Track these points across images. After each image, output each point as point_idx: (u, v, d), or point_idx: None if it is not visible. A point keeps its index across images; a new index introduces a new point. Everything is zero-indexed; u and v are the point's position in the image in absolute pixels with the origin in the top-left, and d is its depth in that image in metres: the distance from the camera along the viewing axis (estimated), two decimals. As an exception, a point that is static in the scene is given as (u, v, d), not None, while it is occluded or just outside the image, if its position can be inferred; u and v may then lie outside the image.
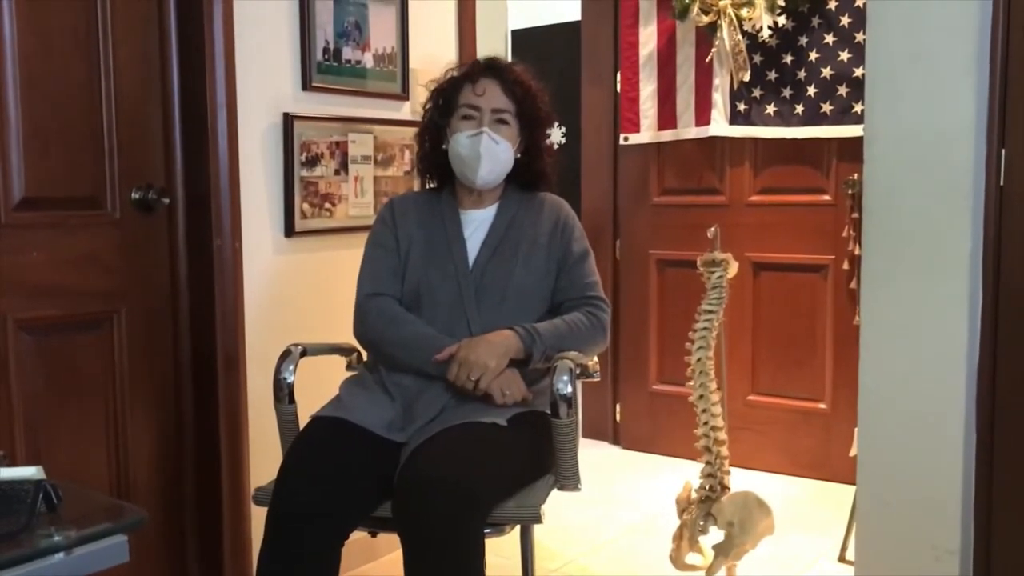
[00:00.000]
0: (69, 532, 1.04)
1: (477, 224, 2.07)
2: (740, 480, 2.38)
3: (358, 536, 1.84)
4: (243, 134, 2.35)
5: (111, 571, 1.13)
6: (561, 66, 4.18)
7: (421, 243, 2.05)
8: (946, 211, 1.88)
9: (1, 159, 2.01)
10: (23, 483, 1.09)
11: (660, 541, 2.75)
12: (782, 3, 3.31)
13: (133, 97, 2.23)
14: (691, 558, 2.31)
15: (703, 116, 3.60)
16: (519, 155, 2.08)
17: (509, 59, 2.21)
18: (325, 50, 2.54)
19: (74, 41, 2.12)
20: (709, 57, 3.50)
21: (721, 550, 2.25)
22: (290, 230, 2.48)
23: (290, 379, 2.02)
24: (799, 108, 3.41)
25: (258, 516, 2.21)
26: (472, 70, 2.07)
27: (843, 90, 3.31)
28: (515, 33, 4.80)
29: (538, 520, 1.82)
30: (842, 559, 2.77)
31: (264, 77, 2.40)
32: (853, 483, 2.16)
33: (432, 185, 2.19)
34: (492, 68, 2.06)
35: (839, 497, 3.13)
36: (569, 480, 1.92)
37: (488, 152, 2.00)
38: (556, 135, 4.88)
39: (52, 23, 2.07)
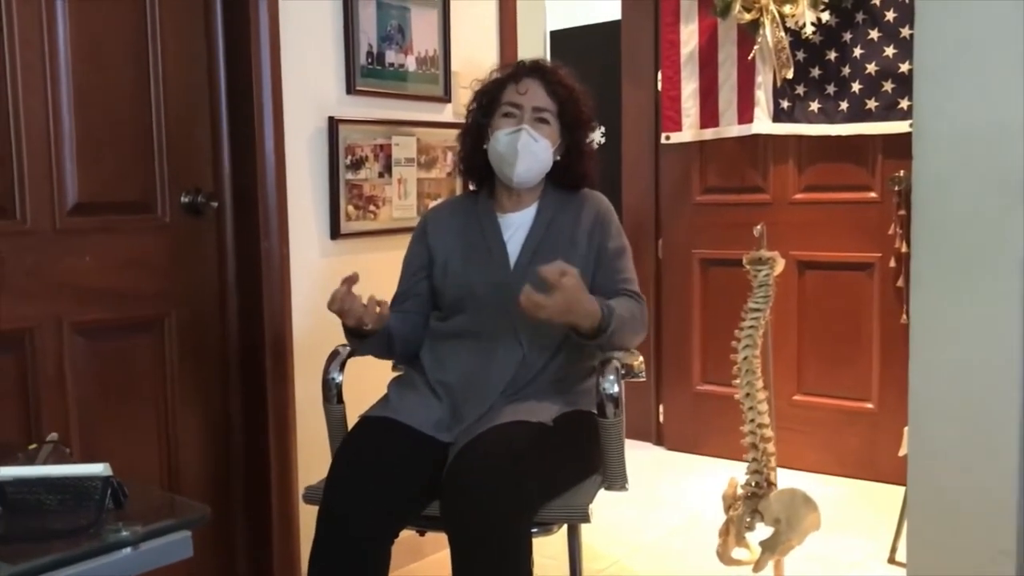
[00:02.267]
0: (136, 527, 1.06)
1: (516, 227, 2.07)
2: (786, 480, 2.36)
3: (405, 535, 1.85)
4: (289, 138, 2.38)
5: (165, 568, 1.15)
6: (601, 66, 4.17)
7: (460, 251, 2.06)
8: (998, 207, 1.85)
9: (56, 166, 2.06)
10: (92, 479, 1.12)
11: (705, 542, 2.74)
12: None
13: (182, 104, 2.27)
14: (738, 553, 2.31)
15: (746, 114, 3.58)
16: (559, 156, 2.08)
17: (548, 60, 2.21)
18: (369, 54, 2.56)
19: (124, 51, 2.16)
20: (751, 54, 3.48)
21: (768, 546, 2.24)
22: (335, 232, 2.51)
23: (338, 379, 2.04)
24: (843, 105, 3.37)
25: (306, 514, 2.24)
26: (516, 70, 2.09)
27: (888, 86, 3.27)
28: (554, 34, 4.80)
29: (586, 519, 1.82)
30: (892, 560, 2.74)
31: (309, 82, 2.43)
32: (901, 484, 2.13)
33: (471, 187, 2.21)
34: (536, 69, 2.07)
35: (887, 498, 3.09)
36: (616, 480, 1.92)
37: (526, 149, 2.00)
38: (596, 135, 4.87)
39: (103, 34, 2.12)
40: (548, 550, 2.03)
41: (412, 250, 2.15)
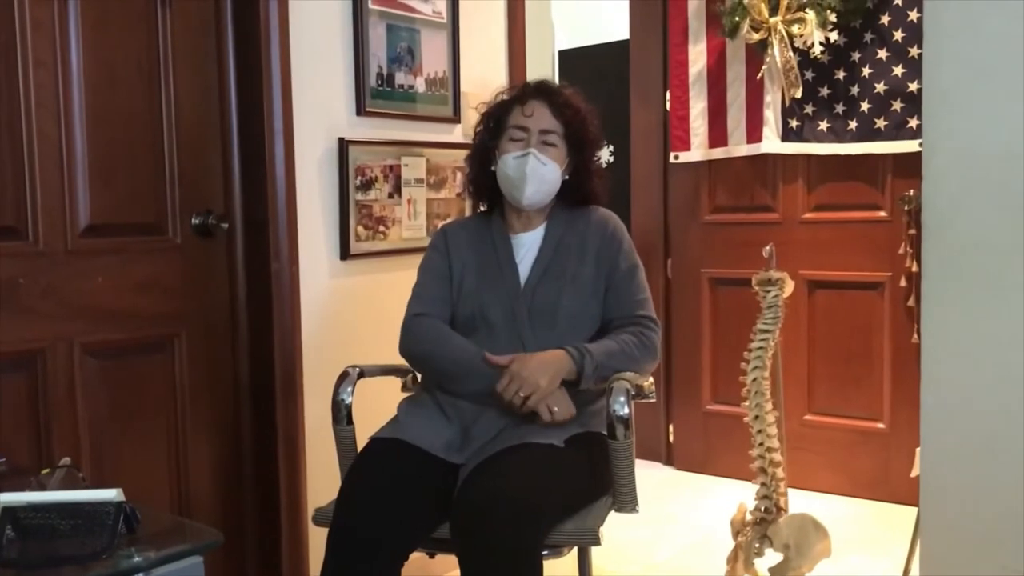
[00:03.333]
0: (148, 553, 1.06)
1: (527, 247, 2.08)
2: (798, 501, 2.35)
3: (415, 557, 1.84)
4: (299, 159, 2.39)
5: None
6: (610, 85, 4.19)
7: (474, 268, 2.07)
8: (1009, 227, 1.84)
9: (68, 188, 2.07)
10: (105, 505, 1.12)
11: (714, 563, 2.72)
12: (834, 19, 3.28)
13: (193, 126, 2.29)
14: (747, 580, 2.29)
15: (754, 133, 3.58)
16: (568, 176, 2.09)
17: (557, 80, 2.22)
18: (378, 76, 2.58)
19: (137, 74, 2.18)
20: (760, 74, 3.48)
21: (777, 573, 2.22)
22: (345, 253, 2.52)
23: (348, 400, 2.04)
24: (852, 124, 3.37)
25: (316, 536, 2.24)
26: (522, 92, 2.10)
27: (897, 105, 3.27)
28: (563, 53, 4.82)
29: (597, 542, 1.81)
30: (904, 582, 2.72)
31: (320, 103, 2.45)
32: (913, 504, 2.11)
33: (482, 208, 2.21)
34: (541, 90, 2.08)
35: (899, 518, 3.07)
36: (627, 502, 1.91)
37: (534, 173, 2.01)
38: (604, 154, 4.87)
39: (116, 57, 2.14)
40: (559, 571, 2.02)
41: (434, 258, 2.13)
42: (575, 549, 1.88)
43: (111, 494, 1.12)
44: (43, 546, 1.12)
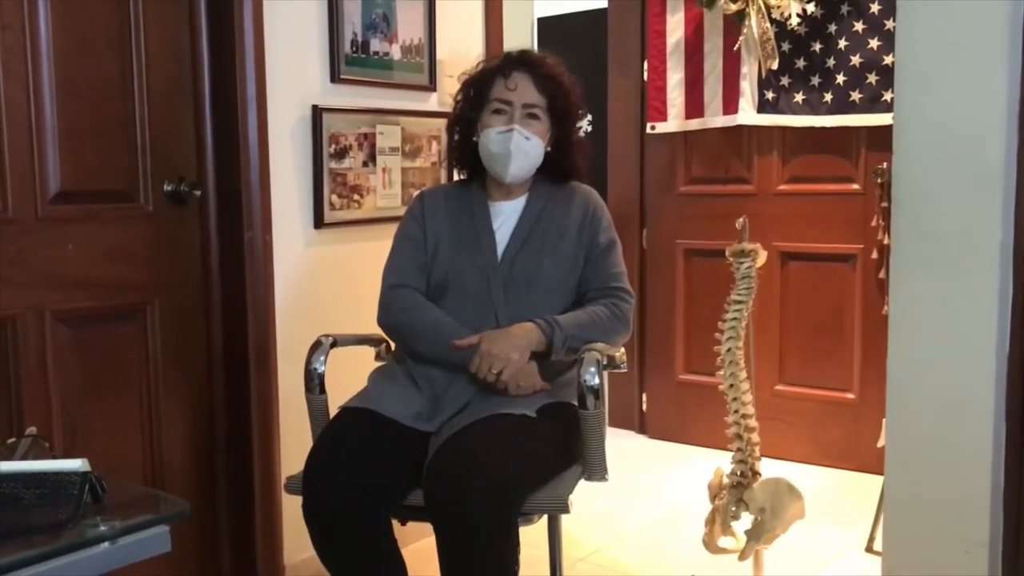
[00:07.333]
0: (114, 522, 1.07)
1: (506, 215, 2.08)
2: (768, 470, 2.38)
3: (388, 524, 1.86)
4: (273, 127, 2.37)
5: (149, 560, 1.16)
6: (587, 54, 4.16)
7: (450, 235, 2.07)
8: (977, 202, 1.87)
9: (37, 154, 2.04)
10: (70, 475, 1.12)
11: (686, 530, 2.76)
12: (811, -10, 3.29)
13: (165, 92, 2.26)
14: (723, 542, 2.33)
15: (731, 105, 3.58)
16: (549, 148, 2.09)
17: (535, 47, 2.20)
18: (353, 42, 2.55)
19: (107, 38, 2.15)
20: (737, 45, 3.48)
21: (753, 535, 2.26)
22: (319, 222, 2.51)
23: (321, 369, 2.05)
24: (828, 96, 3.38)
25: (289, 504, 2.25)
26: (504, 63, 2.06)
27: (872, 78, 3.28)
28: (541, 21, 4.79)
29: (566, 510, 1.83)
30: (869, 549, 2.77)
31: (293, 70, 2.42)
32: (881, 473, 2.15)
33: (463, 176, 2.21)
34: (524, 62, 2.05)
35: (867, 487, 3.12)
36: (596, 471, 1.93)
37: (518, 149, 2.01)
38: (584, 123, 4.85)
39: (86, 21, 2.10)
40: (530, 539, 2.04)
41: (410, 225, 2.12)
42: (545, 517, 1.90)
43: (76, 464, 1.12)
44: (8, 515, 1.12)
